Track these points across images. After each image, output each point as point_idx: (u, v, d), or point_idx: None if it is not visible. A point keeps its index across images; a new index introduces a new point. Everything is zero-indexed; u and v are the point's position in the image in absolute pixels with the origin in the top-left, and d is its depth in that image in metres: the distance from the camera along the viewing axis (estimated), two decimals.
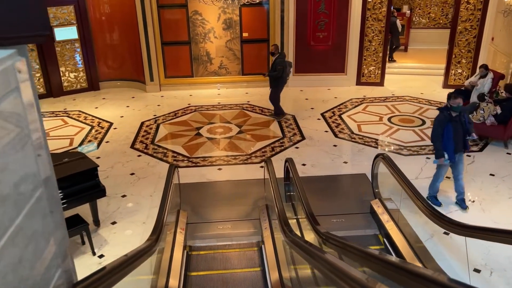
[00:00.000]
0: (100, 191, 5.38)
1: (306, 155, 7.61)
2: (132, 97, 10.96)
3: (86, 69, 11.26)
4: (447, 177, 6.05)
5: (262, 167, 6.94)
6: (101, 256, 5.11)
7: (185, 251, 4.88)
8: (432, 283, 1.99)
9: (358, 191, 6.45)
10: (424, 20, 14.74)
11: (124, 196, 6.37)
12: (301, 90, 11.08)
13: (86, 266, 4.85)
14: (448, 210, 5.74)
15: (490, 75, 8.59)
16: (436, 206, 5.79)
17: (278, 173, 5.52)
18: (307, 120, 9.21)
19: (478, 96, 8.01)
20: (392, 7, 11.93)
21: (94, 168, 5.35)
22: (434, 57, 12.80)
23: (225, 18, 10.92)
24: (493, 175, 6.71)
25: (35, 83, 10.60)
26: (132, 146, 8.09)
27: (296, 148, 7.94)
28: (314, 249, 3.17)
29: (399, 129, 8.61)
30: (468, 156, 5.81)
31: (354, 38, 10.90)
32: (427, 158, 7.30)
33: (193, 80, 11.35)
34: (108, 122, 9.31)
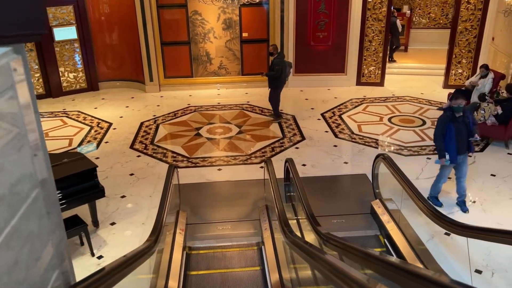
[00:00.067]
0: (99, 191, 5.36)
1: (306, 155, 7.58)
2: (132, 97, 10.94)
3: (86, 69, 11.22)
4: (449, 177, 6.02)
5: (262, 167, 6.91)
6: (100, 257, 5.08)
7: (184, 252, 4.85)
8: (434, 284, 1.97)
9: (358, 192, 6.42)
10: (424, 20, 14.72)
11: (123, 196, 6.34)
12: (301, 90, 11.05)
13: (85, 267, 4.82)
14: (449, 211, 5.71)
15: (491, 75, 8.58)
16: (437, 207, 5.76)
17: (278, 173, 5.50)
18: (307, 120, 9.19)
19: (478, 96, 7.99)
20: (392, 7, 11.91)
21: (93, 168, 5.32)
22: (434, 57, 12.78)
23: (224, 18, 10.89)
24: (494, 175, 6.69)
25: (34, 83, 10.58)
26: (132, 147, 8.06)
27: (296, 148, 7.91)
28: (314, 250, 3.14)
29: (400, 129, 8.59)
30: (469, 156, 5.77)
31: (354, 38, 10.88)
32: (428, 159, 7.28)
33: (192, 80, 11.32)
34: (108, 122, 9.28)
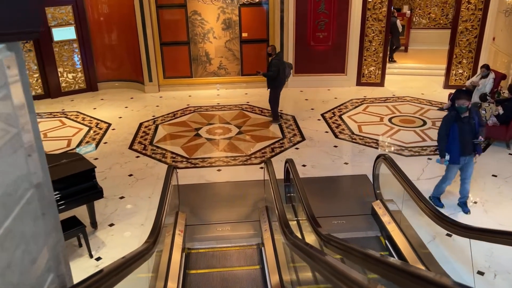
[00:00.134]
0: (98, 192, 5.32)
1: (306, 156, 7.54)
2: (131, 97, 10.89)
3: (84, 69, 11.18)
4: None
5: (262, 168, 6.87)
6: (98, 258, 5.04)
7: (183, 253, 4.81)
8: (436, 286, 1.93)
9: (359, 192, 6.37)
10: (424, 21, 14.69)
11: (122, 197, 6.30)
12: (301, 91, 11.02)
13: (83, 269, 4.78)
14: (450, 212, 5.67)
15: (492, 75, 8.55)
16: (438, 208, 5.72)
17: (278, 174, 5.45)
18: (307, 120, 9.15)
19: (480, 96, 7.96)
20: (392, 7, 11.88)
21: (92, 169, 5.28)
22: (435, 57, 12.75)
23: (224, 18, 10.85)
24: (495, 176, 6.65)
25: (33, 84, 10.55)
26: (131, 147, 8.02)
27: (296, 149, 7.87)
28: (315, 251, 3.10)
29: (400, 129, 8.55)
30: (475, 158, 5.69)
31: (354, 38, 10.85)
32: (429, 159, 7.24)
33: (192, 81, 11.28)
34: (106, 123, 9.23)
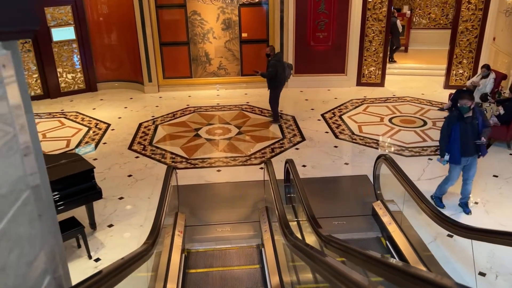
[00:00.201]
0: (97, 193, 5.28)
1: (306, 156, 7.51)
2: (130, 98, 10.86)
3: (84, 70, 11.15)
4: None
5: (262, 168, 6.83)
6: (97, 259, 5.00)
7: (183, 254, 4.77)
8: (437, 287, 1.90)
9: (359, 193, 6.35)
10: (424, 21, 14.67)
11: (121, 198, 6.26)
12: (301, 91, 10.99)
13: (81, 270, 4.75)
14: (451, 212, 5.63)
15: (492, 75, 8.53)
16: (439, 208, 5.69)
17: (278, 174, 5.42)
18: (307, 121, 9.11)
19: (480, 97, 7.94)
20: (393, 8, 11.85)
21: (90, 169, 5.25)
22: (435, 57, 12.74)
23: (224, 18, 10.82)
24: (496, 176, 6.61)
25: (32, 84, 10.51)
26: (130, 148, 7.98)
27: (296, 149, 7.84)
28: (315, 252, 3.07)
29: (400, 130, 8.51)
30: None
31: (354, 39, 10.81)
32: (429, 159, 7.21)
33: (191, 81, 11.25)
34: (106, 123, 9.20)
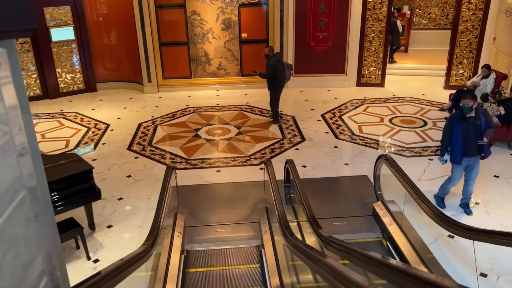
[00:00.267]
0: (95, 193, 5.25)
1: (306, 156, 7.48)
2: (130, 98, 10.83)
3: (83, 70, 11.11)
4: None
5: (261, 169, 6.80)
6: (96, 260, 4.97)
7: (182, 255, 4.74)
8: None
9: (359, 193, 6.31)
10: (424, 21, 14.65)
11: (120, 199, 6.23)
12: (301, 91, 10.96)
13: (80, 271, 4.72)
14: (452, 213, 5.60)
15: (493, 75, 8.50)
16: (440, 208, 5.67)
17: (278, 175, 5.39)
18: (307, 121, 9.09)
19: (481, 97, 7.91)
20: (393, 8, 11.83)
21: (89, 170, 5.21)
22: (435, 58, 12.71)
23: (223, 19, 10.79)
24: (497, 176, 6.59)
25: (32, 84, 10.48)
26: (129, 148, 7.95)
27: (296, 149, 7.81)
28: (315, 253, 3.04)
29: (401, 130, 8.48)
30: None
31: (354, 39, 10.79)
32: (430, 160, 7.18)
33: (191, 81, 11.22)
34: (105, 123, 9.17)
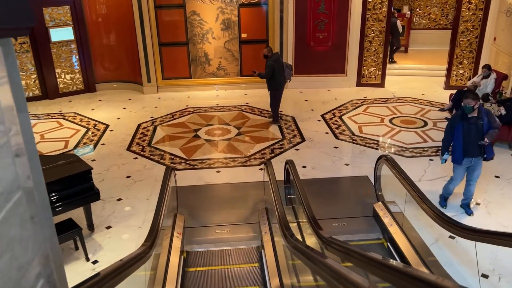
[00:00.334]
0: (94, 194, 5.22)
1: (306, 157, 7.45)
2: (129, 98, 10.80)
3: (82, 70, 11.08)
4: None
5: (261, 169, 6.77)
6: (95, 262, 4.94)
7: (182, 256, 4.71)
8: None
9: (360, 194, 6.28)
10: (424, 21, 14.63)
11: (119, 199, 6.20)
12: (300, 92, 10.93)
13: (79, 272, 4.69)
14: (453, 213, 5.57)
15: (493, 76, 8.48)
16: (440, 207, 5.67)
17: (278, 175, 5.36)
18: (307, 121, 9.06)
19: (482, 97, 7.88)
20: (393, 8, 11.80)
21: (88, 170, 5.18)
22: (435, 58, 12.69)
23: (223, 19, 10.77)
24: (498, 177, 6.56)
25: (31, 85, 10.45)
26: (129, 149, 7.92)
27: (296, 150, 7.78)
28: (316, 255, 3.01)
29: (401, 130, 8.46)
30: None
31: (354, 39, 10.76)
32: (430, 160, 7.15)
33: (191, 82, 11.19)
34: (104, 124, 9.13)
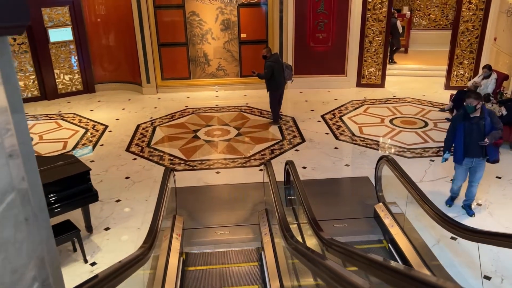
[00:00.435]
0: (93, 195, 5.18)
1: (306, 157, 7.41)
2: (128, 99, 10.76)
3: (82, 71, 11.04)
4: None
5: (261, 170, 6.73)
6: (93, 263, 4.89)
7: (181, 258, 4.67)
8: None
9: (360, 195, 6.24)
10: (424, 22, 14.60)
11: (118, 200, 6.15)
12: (300, 92, 10.89)
13: (77, 274, 4.65)
14: (454, 214, 5.53)
15: (494, 76, 8.45)
16: (447, 205, 5.68)
17: (278, 176, 5.32)
18: (307, 122, 9.02)
19: (483, 97, 7.84)
20: (393, 8, 11.77)
21: (86, 171, 5.14)
22: (435, 58, 12.66)
23: (223, 19, 10.73)
24: (499, 177, 6.52)
25: (29, 86, 10.41)
26: (128, 149, 7.87)
27: (296, 150, 7.74)
28: (317, 256, 2.97)
29: (401, 131, 8.42)
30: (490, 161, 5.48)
31: (354, 39, 10.73)
32: (431, 161, 7.11)
33: (190, 82, 11.15)
34: (103, 125, 9.09)
